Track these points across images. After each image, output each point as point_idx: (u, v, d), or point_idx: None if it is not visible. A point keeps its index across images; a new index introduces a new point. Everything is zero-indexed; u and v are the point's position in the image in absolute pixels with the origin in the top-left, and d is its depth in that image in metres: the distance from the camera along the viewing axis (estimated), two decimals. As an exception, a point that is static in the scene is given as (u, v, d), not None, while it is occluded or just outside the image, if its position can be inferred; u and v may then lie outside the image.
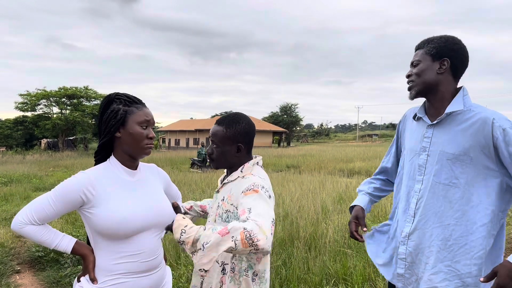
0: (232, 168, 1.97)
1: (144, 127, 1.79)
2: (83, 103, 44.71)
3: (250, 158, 1.98)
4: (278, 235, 5.14)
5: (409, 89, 1.93)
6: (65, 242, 1.77)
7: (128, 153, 1.81)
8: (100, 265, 1.75)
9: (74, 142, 49.77)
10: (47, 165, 23.40)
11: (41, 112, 44.32)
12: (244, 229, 1.52)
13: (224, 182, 1.97)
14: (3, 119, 58.80)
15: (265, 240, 1.52)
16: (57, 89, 42.79)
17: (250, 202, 1.68)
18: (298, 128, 75.55)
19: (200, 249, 1.55)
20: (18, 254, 6.04)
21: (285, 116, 69.87)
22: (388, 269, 2.02)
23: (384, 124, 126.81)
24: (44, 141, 49.82)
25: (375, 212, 6.65)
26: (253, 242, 1.51)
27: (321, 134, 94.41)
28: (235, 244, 1.52)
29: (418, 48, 1.94)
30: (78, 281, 1.78)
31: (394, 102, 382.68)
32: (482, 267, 1.74)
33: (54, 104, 43.83)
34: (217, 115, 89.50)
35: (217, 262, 1.87)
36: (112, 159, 1.83)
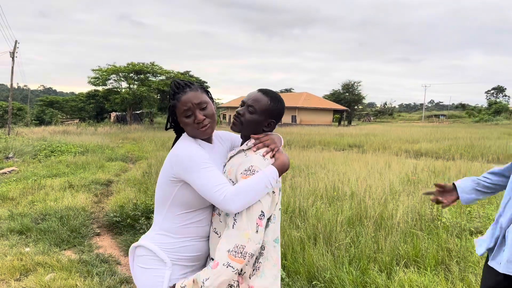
0: (247, 139, 1.95)
1: (189, 115, 1.84)
2: (150, 78, 46.27)
3: None
4: (346, 213, 5.11)
5: None
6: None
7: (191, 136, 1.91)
8: (171, 229, 1.85)
9: (140, 116, 51.98)
10: (116, 137, 24.75)
11: (111, 87, 46.49)
12: (228, 251, 1.67)
13: (231, 155, 1.96)
14: (77, 93, 62.61)
15: (251, 245, 1.67)
16: (125, 65, 44.61)
17: None
18: (360, 107, 73.32)
19: (201, 286, 1.67)
20: (97, 218, 6.51)
21: (347, 94, 68.10)
22: (496, 259, 1.99)
23: (453, 104, 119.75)
24: (113, 114, 52.48)
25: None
26: (246, 253, 1.67)
27: (384, 113, 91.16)
28: (234, 268, 1.66)
29: None
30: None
31: (464, 81, 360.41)
32: None
33: (122, 79, 45.73)
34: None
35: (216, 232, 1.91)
36: (188, 137, 1.91)
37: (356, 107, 70.35)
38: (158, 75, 46.96)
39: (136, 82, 45.74)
